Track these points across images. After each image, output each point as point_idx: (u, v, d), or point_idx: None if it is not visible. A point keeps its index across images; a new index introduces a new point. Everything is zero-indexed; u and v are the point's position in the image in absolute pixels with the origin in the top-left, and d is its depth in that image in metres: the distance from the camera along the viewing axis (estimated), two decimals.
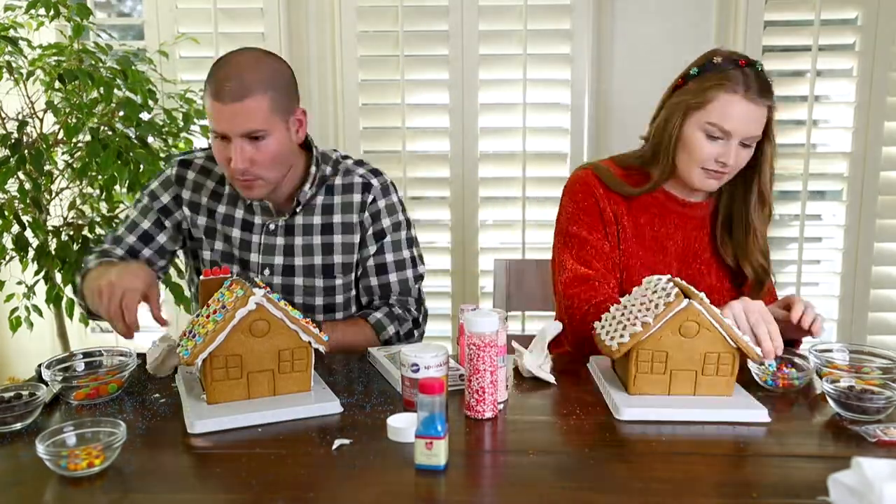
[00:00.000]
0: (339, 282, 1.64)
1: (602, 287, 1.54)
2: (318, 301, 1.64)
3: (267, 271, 1.61)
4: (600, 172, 1.62)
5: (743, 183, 1.59)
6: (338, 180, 1.63)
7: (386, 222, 1.64)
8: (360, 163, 1.68)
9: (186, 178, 1.62)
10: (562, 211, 1.65)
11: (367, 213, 1.62)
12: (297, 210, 1.60)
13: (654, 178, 1.57)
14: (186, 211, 1.62)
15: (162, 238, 1.64)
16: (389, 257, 1.65)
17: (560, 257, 1.62)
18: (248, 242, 1.61)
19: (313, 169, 1.59)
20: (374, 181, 1.63)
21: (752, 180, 1.57)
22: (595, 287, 1.54)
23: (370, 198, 1.62)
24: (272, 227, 1.60)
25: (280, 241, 1.61)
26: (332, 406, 1.22)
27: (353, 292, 1.68)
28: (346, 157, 1.68)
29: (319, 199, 1.61)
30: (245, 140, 1.42)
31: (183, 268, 2.32)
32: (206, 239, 1.62)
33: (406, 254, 1.67)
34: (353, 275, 1.66)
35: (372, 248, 1.63)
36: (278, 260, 1.61)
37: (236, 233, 1.61)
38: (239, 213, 1.61)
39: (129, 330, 1.37)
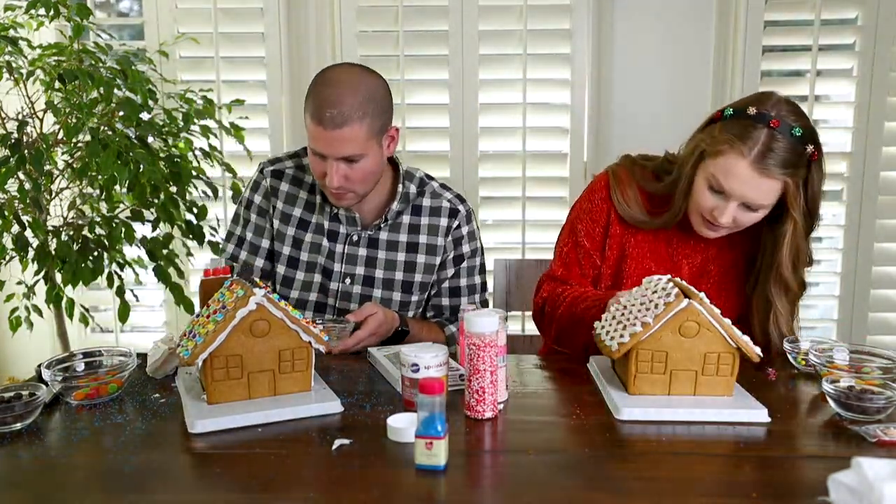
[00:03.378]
0: (414, 298, 1.71)
1: (571, 288, 1.58)
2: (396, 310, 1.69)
3: (348, 280, 1.67)
4: (617, 184, 1.57)
5: (767, 255, 1.50)
6: (426, 202, 1.70)
7: (466, 248, 1.72)
8: (445, 187, 1.74)
9: (279, 189, 1.67)
10: (578, 202, 1.66)
11: (450, 238, 1.70)
12: (383, 225, 1.67)
13: (666, 218, 1.51)
14: (276, 222, 1.68)
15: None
16: (464, 282, 1.74)
17: (559, 244, 1.67)
18: (333, 252, 1.67)
19: (400, 187, 1.66)
20: (461, 208, 1.71)
21: (772, 258, 1.48)
22: (565, 289, 1.59)
23: (455, 223, 1.70)
24: (355, 237, 1.67)
25: (363, 252, 1.67)
26: (332, 406, 1.22)
27: (421, 308, 1.76)
28: (430, 178, 1.74)
29: (406, 218, 1.68)
30: (342, 161, 1.49)
31: (181, 265, 2.33)
32: (293, 248, 1.67)
33: (477, 280, 1.77)
34: (428, 293, 1.74)
35: (450, 271, 1.72)
36: (360, 270, 1.67)
37: (326, 242, 1.66)
38: (327, 223, 1.66)
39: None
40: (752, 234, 1.53)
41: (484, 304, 1.79)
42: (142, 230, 2.26)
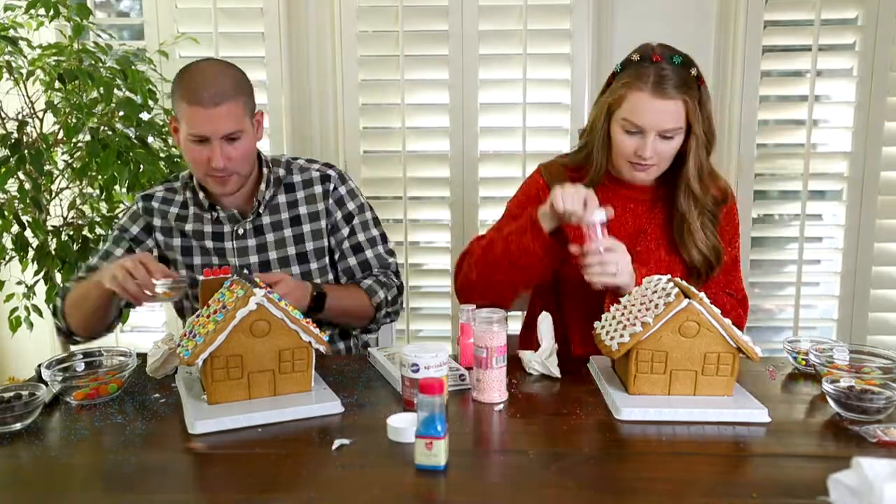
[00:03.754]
0: (313, 266, 1.73)
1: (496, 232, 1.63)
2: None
3: (245, 271, 1.68)
4: (547, 170, 1.70)
5: (678, 178, 1.61)
6: (296, 178, 1.75)
7: (351, 206, 1.75)
8: (311, 160, 1.80)
9: (152, 207, 1.72)
10: (513, 196, 1.74)
11: (331, 200, 1.74)
12: (261, 210, 1.71)
13: (591, 174, 1.62)
14: (160, 236, 1.72)
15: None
16: (361, 237, 1.76)
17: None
18: (223, 249, 1.71)
19: (265, 171, 1.71)
20: (331, 172, 1.76)
21: (679, 173, 1.59)
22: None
23: (331, 186, 1.74)
24: (241, 231, 1.70)
25: (251, 242, 1.71)
26: (332, 406, 1.22)
27: (330, 276, 1.76)
28: (295, 159, 1.79)
29: (282, 199, 1.73)
30: (224, 141, 1.55)
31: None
32: (184, 257, 1.71)
33: (375, 232, 1.79)
34: (327, 259, 1.75)
35: (345, 231, 1.75)
36: (253, 259, 1.71)
37: (210, 244, 1.71)
38: (208, 228, 1.71)
39: (147, 281, 1.41)
40: (674, 194, 1.62)
41: (390, 253, 1.79)
42: None
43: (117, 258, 1.66)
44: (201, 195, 1.67)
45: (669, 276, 1.32)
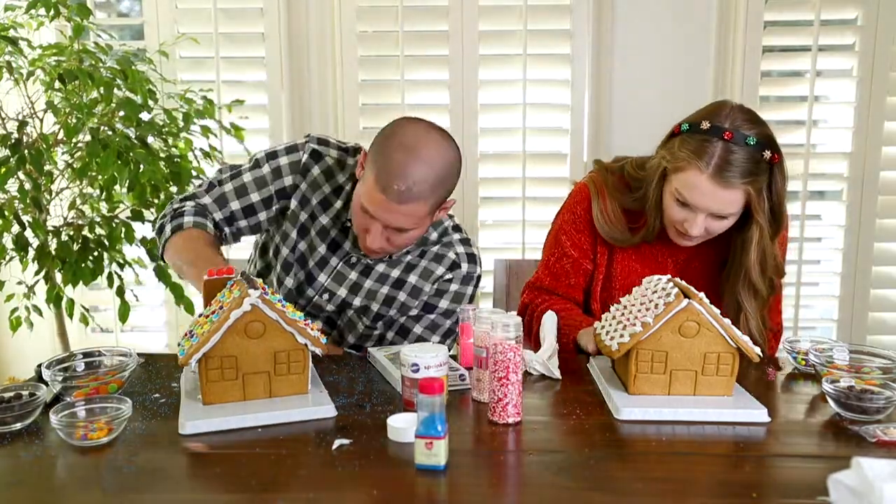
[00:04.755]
0: (377, 332, 1.62)
1: (554, 300, 1.62)
2: (350, 339, 1.63)
3: (326, 296, 1.59)
4: (595, 187, 1.60)
5: (736, 259, 1.52)
6: (436, 248, 1.59)
7: (443, 304, 1.59)
8: (465, 241, 1.61)
9: (311, 171, 1.55)
10: (561, 213, 1.68)
11: (436, 286, 1.58)
12: (385, 259, 1.57)
13: (643, 234, 1.55)
14: (293, 203, 1.55)
15: (263, 216, 1.57)
16: (418, 330, 1.61)
17: (545, 253, 1.69)
18: (326, 262, 1.57)
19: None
20: (464, 266, 1.58)
21: (740, 262, 1.50)
22: (548, 299, 1.62)
23: (449, 276, 1.58)
24: (354, 259, 1.57)
25: (353, 275, 1.57)
26: (325, 410, 1.20)
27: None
28: (456, 230, 1.62)
29: (408, 258, 1.58)
30: (390, 229, 1.41)
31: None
32: (284, 240, 1.57)
33: (434, 339, 1.62)
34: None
35: (413, 311, 1.60)
36: (342, 292, 1.58)
37: (322, 248, 1.57)
38: (334, 232, 1.57)
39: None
40: (729, 232, 1.54)
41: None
42: (142, 230, 2.26)
43: (250, 202, 1.53)
44: None
45: (669, 276, 1.32)
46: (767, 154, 1.41)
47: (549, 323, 1.42)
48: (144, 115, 2.18)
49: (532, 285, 1.69)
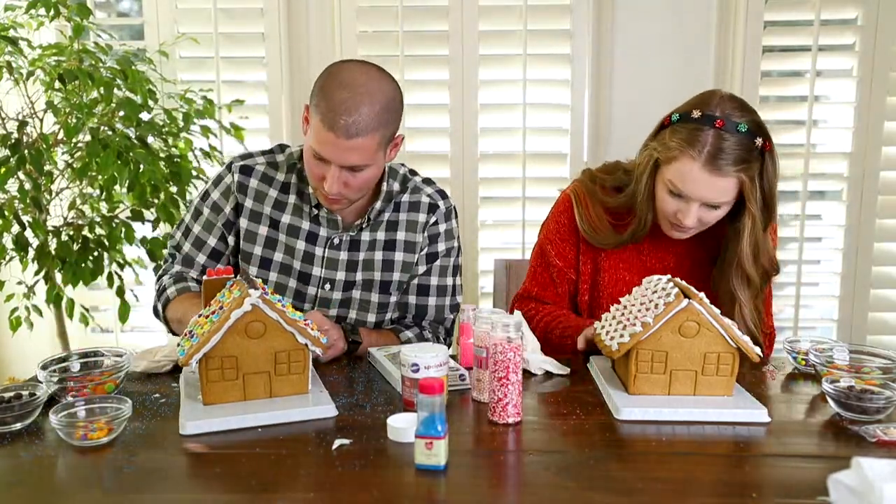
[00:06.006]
0: (392, 299, 1.63)
1: (545, 307, 1.62)
2: (371, 318, 1.63)
3: (328, 286, 1.59)
4: (577, 198, 1.61)
5: (728, 250, 1.52)
6: (405, 197, 1.62)
7: (441, 246, 1.63)
8: (428, 181, 1.67)
9: (248, 185, 1.57)
10: (545, 224, 1.69)
11: (426, 234, 1.62)
12: (364, 226, 1.59)
13: (632, 229, 1.54)
14: (243, 222, 1.58)
15: (226, 250, 1.62)
16: (434, 280, 1.64)
17: (531, 263, 1.70)
18: (312, 255, 1.58)
19: (384, 185, 1.58)
20: (441, 204, 1.63)
21: (733, 252, 1.50)
22: (538, 307, 1.62)
23: (433, 219, 1.62)
24: (336, 241, 1.58)
25: (343, 255, 1.59)
26: (326, 410, 1.20)
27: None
28: (413, 174, 1.67)
29: (385, 215, 1.60)
30: (346, 169, 1.43)
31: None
32: (264, 250, 1.58)
33: (450, 281, 1.66)
34: None
35: (421, 269, 1.63)
36: (340, 275, 1.59)
37: (301, 245, 1.58)
38: (305, 225, 1.58)
39: None
40: (718, 229, 1.54)
41: (454, 308, 1.68)
42: (142, 230, 2.26)
43: (210, 248, 1.58)
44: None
45: (669, 276, 1.32)
46: (759, 141, 1.40)
47: (522, 325, 1.39)
48: (144, 115, 2.18)
49: (521, 296, 1.69)
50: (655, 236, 1.58)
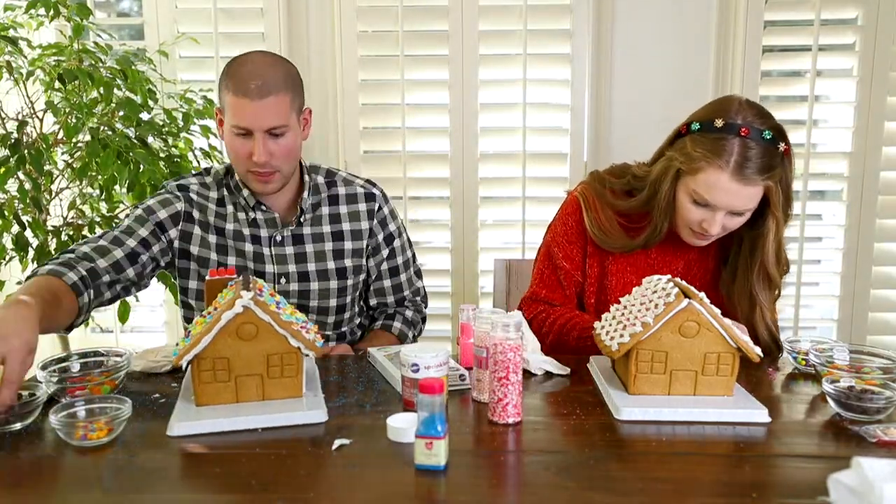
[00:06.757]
0: (350, 282, 1.74)
1: (557, 309, 1.61)
2: (332, 303, 1.73)
3: (283, 280, 1.68)
4: (586, 201, 1.59)
5: (749, 254, 1.51)
6: (340, 190, 1.73)
7: (392, 227, 1.77)
8: (352, 175, 1.79)
9: (191, 198, 1.65)
10: (553, 225, 1.68)
11: (375, 221, 1.74)
12: (302, 220, 1.67)
13: (646, 236, 1.53)
14: (197, 230, 1.64)
15: (145, 253, 1.58)
16: (399, 259, 1.80)
17: (537, 265, 1.69)
18: (261, 254, 1.67)
19: (307, 178, 1.68)
20: (375, 191, 1.76)
21: (756, 256, 1.50)
22: (548, 309, 1.61)
23: (376, 206, 1.74)
24: (279, 238, 1.67)
25: (290, 249, 1.68)
26: (316, 415, 1.18)
27: (359, 291, 1.79)
28: (336, 170, 1.78)
29: (325, 209, 1.71)
30: (267, 135, 1.51)
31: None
32: (219, 255, 1.65)
33: (409, 253, 1.83)
34: (362, 277, 1.77)
35: (385, 252, 1.77)
36: (292, 268, 1.68)
37: (249, 247, 1.66)
38: (246, 230, 1.66)
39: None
40: (726, 234, 1.54)
41: (418, 274, 1.86)
42: None
43: (140, 237, 1.57)
44: (245, 193, 1.62)
45: (669, 276, 1.32)
46: (782, 146, 1.41)
47: (523, 325, 1.39)
48: (144, 115, 2.18)
49: (529, 299, 1.67)
50: (664, 240, 1.57)
